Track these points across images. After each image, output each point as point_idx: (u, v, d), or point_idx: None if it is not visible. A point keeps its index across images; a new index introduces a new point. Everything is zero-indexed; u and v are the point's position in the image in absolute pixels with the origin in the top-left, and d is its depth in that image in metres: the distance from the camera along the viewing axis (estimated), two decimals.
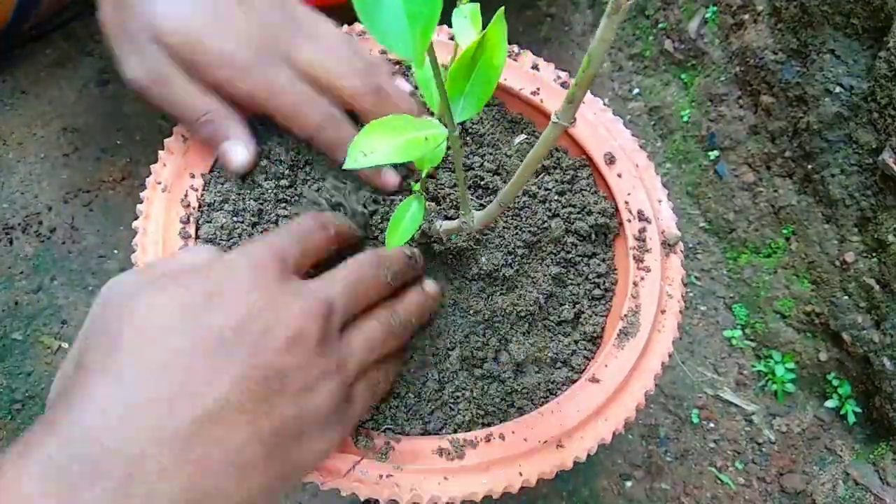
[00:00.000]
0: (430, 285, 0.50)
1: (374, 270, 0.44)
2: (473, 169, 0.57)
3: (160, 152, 0.54)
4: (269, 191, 0.53)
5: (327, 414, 0.39)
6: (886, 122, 0.70)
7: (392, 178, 0.54)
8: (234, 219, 0.52)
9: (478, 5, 0.37)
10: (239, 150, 0.52)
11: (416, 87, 0.59)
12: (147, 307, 0.37)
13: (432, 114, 0.43)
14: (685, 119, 0.94)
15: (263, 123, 0.54)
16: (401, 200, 0.48)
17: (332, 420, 0.40)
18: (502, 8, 0.34)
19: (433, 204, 0.52)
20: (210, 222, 0.52)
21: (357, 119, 0.53)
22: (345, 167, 0.31)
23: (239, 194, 0.53)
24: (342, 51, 0.53)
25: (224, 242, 0.51)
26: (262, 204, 0.53)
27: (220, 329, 0.36)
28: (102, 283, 0.85)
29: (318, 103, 0.52)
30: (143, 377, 0.34)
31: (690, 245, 0.92)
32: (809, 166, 0.80)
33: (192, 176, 0.53)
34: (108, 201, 0.87)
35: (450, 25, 0.39)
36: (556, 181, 0.59)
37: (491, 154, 0.58)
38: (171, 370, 0.35)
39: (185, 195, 0.52)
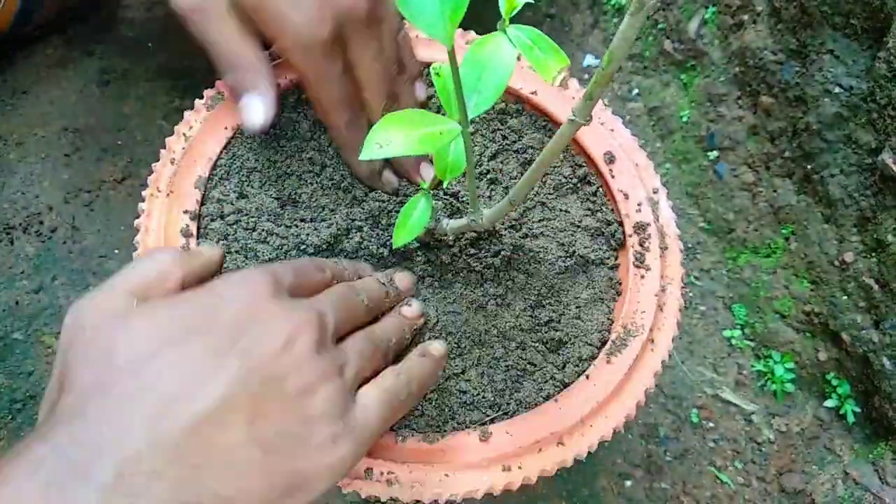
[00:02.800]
0: (408, 309, 0.50)
1: (353, 294, 0.46)
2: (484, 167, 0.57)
3: (161, 151, 0.55)
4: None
5: (330, 419, 0.38)
6: (886, 122, 0.71)
7: (427, 172, 0.56)
8: (237, 217, 0.52)
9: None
10: (255, 107, 0.51)
11: (430, 98, 0.60)
12: (138, 326, 0.37)
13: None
14: (684, 119, 0.95)
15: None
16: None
17: (340, 429, 0.38)
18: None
19: (439, 203, 0.53)
20: (213, 220, 0.52)
21: None
22: (360, 158, 0.32)
23: (241, 193, 0.53)
24: (386, 57, 0.54)
25: (228, 241, 0.52)
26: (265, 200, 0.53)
27: (215, 337, 0.36)
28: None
29: (348, 106, 0.53)
30: (138, 388, 0.34)
31: (690, 245, 0.92)
32: (809, 166, 0.80)
33: (194, 174, 0.53)
34: (108, 201, 0.88)
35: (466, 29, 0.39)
36: (560, 181, 0.59)
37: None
38: (165, 378, 0.35)
39: (187, 193, 0.52)
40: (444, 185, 0.45)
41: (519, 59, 0.63)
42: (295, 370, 0.37)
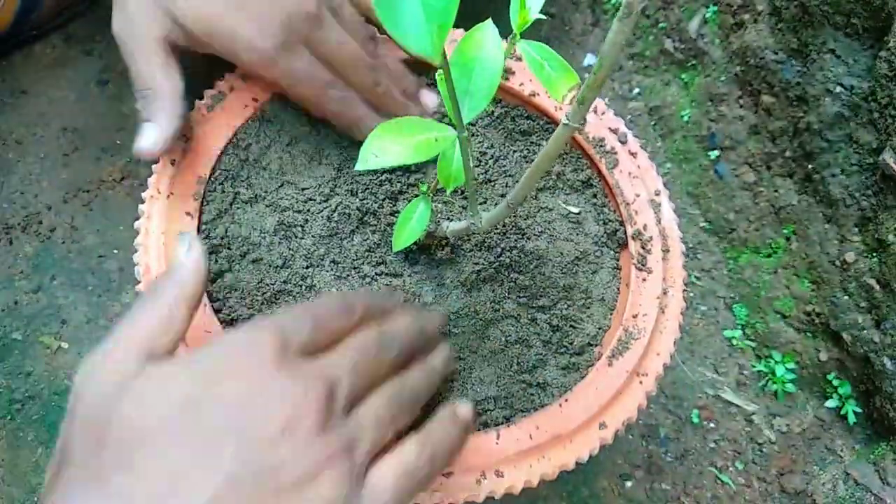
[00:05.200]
0: (439, 360, 0.46)
1: (382, 346, 0.41)
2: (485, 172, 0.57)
3: None
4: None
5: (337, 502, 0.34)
6: (887, 121, 0.70)
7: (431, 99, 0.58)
8: (237, 217, 0.52)
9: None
10: (147, 135, 0.51)
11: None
12: (132, 402, 0.34)
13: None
14: (685, 119, 0.94)
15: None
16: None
17: None
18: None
19: (440, 205, 0.53)
20: (214, 222, 0.52)
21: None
22: (357, 168, 0.32)
23: (242, 194, 0.53)
24: (356, 38, 0.55)
25: (229, 240, 0.51)
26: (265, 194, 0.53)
27: (209, 423, 0.34)
28: (102, 283, 0.86)
29: (337, 87, 0.54)
30: (129, 482, 0.32)
31: (691, 245, 0.92)
32: (810, 166, 0.80)
33: (195, 175, 0.53)
34: (108, 201, 0.87)
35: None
36: (562, 183, 0.59)
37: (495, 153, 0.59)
38: (158, 472, 0.32)
39: (188, 194, 0.52)
40: (448, 193, 0.44)
41: (520, 59, 0.63)
42: (293, 458, 0.34)
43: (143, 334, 0.37)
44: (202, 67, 0.58)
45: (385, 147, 0.32)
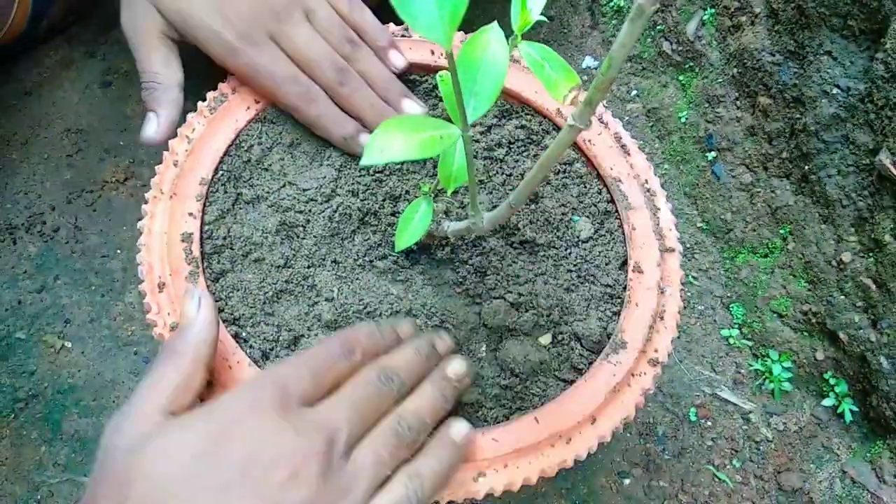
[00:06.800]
0: (453, 369, 0.47)
1: (379, 386, 0.43)
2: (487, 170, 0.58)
3: (164, 153, 0.55)
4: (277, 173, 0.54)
5: None
6: (883, 123, 0.71)
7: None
8: (239, 216, 0.53)
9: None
10: (152, 123, 0.57)
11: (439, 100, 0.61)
12: (153, 457, 0.37)
13: None
14: (683, 120, 0.95)
15: None
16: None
17: None
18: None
19: (441, 205, 0.53)
20: (216, 223, 0.53)
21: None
22: (362, 163, 0.32)
23: (244, 195, 0.54)
24: (326, 37, 0.57)
25: (231, 241, 0.52)
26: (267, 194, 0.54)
27: (223, 477, 0.36)
28: (106, 283, 0.86)
29: (296, 82, 0.55)
30: None
31: (688, 245, 0.92)
32: (806, 167, 0.80)
33: (197, 176, 0.54)
34: (111, 201, 0.88)
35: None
36: (561, 183, 0.60)
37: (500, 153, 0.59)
38: None
39: (190, 195, 0.53)
40: (449, 193, 0.45)
41: (519, 62, 0.64)
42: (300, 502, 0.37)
43: (164, 394, 0.40)
44: (203, 69, 0.58)
45: (390, 142, 0.32)
